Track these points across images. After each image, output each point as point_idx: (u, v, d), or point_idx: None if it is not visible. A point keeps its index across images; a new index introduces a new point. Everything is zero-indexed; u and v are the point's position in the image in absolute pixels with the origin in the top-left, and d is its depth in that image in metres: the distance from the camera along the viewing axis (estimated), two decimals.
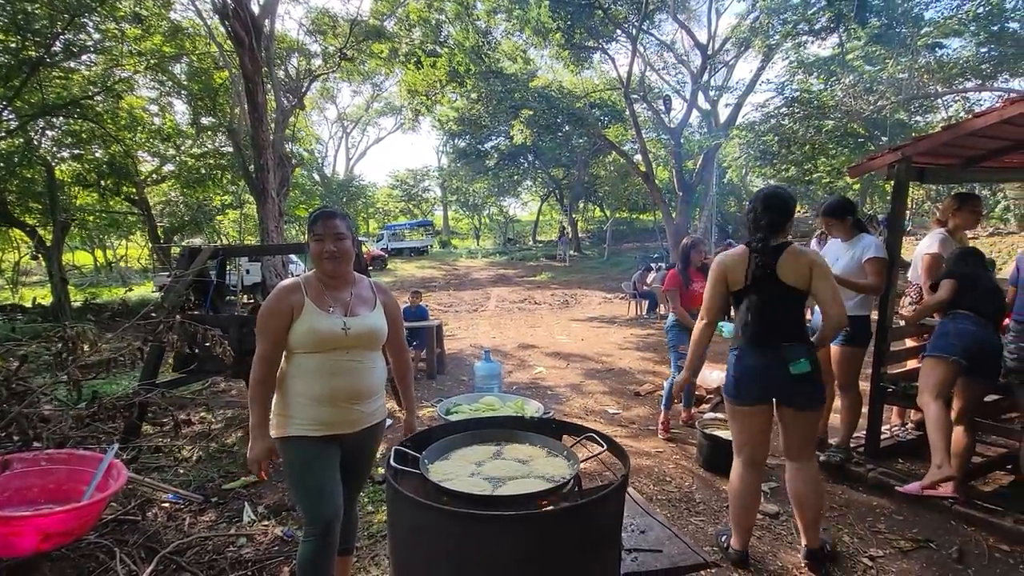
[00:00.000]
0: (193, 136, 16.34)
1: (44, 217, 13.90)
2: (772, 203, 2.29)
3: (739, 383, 2.33)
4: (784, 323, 2.26)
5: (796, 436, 2.33)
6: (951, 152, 3.58)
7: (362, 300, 1.99)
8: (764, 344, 2.27)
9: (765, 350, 2.26)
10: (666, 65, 20.33)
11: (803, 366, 2.20)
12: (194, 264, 4.10)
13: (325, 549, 1.82)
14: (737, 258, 2.31)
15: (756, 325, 2.27)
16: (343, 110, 38.92)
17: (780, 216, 2.26)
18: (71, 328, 2.93)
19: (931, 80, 11.80)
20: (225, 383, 6.08)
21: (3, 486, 2.35)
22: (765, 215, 2.27)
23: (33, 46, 10.55)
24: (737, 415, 2.39)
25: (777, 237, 2.26)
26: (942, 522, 2.78)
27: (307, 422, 1.84)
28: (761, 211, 2.28)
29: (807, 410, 2.28)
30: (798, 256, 2.22)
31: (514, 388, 5.68)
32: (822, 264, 2.23)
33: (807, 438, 2.35)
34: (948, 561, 2.47)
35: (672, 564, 1.75)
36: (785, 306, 2.25)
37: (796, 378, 2.21)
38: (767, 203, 2.29)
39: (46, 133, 13.58)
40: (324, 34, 16.09)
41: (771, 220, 2.26)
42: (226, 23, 8.81)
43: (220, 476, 3.59)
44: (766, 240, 2.25)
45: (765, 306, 2.25)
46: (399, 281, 20.05)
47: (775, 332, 2.25)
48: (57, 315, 11.72)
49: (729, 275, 2.32)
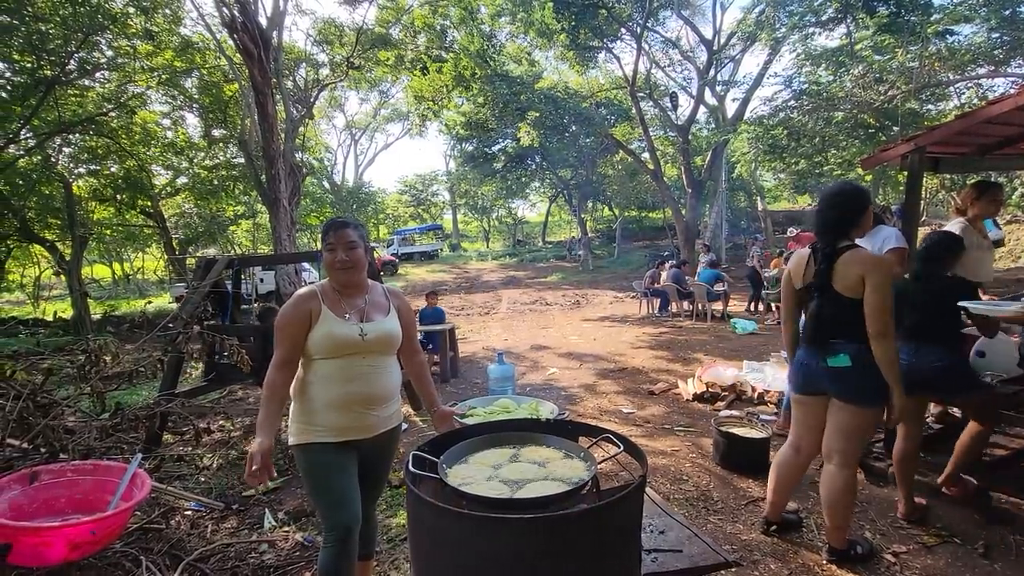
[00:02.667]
0: (205, 148, 16.61)
1: (63, 232, 14.20)
2: (832, 201, 2.25)
3: (794, 373, 2.47)
4: (834, 324, 2.22)
5: (832, 429, 2.30)
6: (966, 140, 3.53)
7: (377, 306, 2.01)
8: (810, 342, 2.32)
9: (813, 348, 2.31)
10: (672, 62, 20.22)
11: (842, 360, 2.19)
12: (210, 274, 4.16)
13: (345, 555, 1.84)
14: (800, 259, 2.37)
15: (809, 324, 2.32)
16: (351, 118, 39.27)
17: (840, 215, 2.20)
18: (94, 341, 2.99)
19: (943, 68, 11.60)
20: (242, 391, 6.16)
21: (32, 498, 2.40)
22: (823, 215, 2.24)
23: (48, 65, 10.81)
24: (793, 401, 2.53)
25: (840, 239, 2.20)
26: (966, 516, 2.73)
27: (325, 428, 1.86)
28: (828, 209, 2.23)
29: (850, 403, 2.22)
30: (851, 265, 2.14)
31: (528, 390, 5.68)
32: (876, 276, 2.08)
33: (843, 434, 2.27)
34: (974, 556, 2.43)
35: (692, 564, 1.74)
36: (837, 309, 2.20)
37: (835, 371, 2.22)
38: (826, 202, 2.27)
39: (63, 150, 13.90)
40: (331, 44, 16.27)
41: (830, 220, 2.22)
42: (235, 36, 8.94)
43: (241, 483, 3.63)
44: (826, 243, 2.22)
45: (818, 308, 2.26)
46: (410, 285, 20.16)
47: (824, 333, 2.25)
48: (78, 328, 11.95)
49: (793, 276, 2.41)
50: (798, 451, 2.50)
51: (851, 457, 2.30)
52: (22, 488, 2.39)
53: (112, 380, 3.45)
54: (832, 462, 2.32)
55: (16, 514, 2.28)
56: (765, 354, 6.54)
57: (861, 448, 2.45)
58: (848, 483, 2.29)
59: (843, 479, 2.29)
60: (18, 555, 2.06)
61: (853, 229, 2.23)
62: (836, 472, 2.30)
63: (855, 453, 2.32)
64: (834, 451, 2.31)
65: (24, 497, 2.37)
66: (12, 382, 2.97)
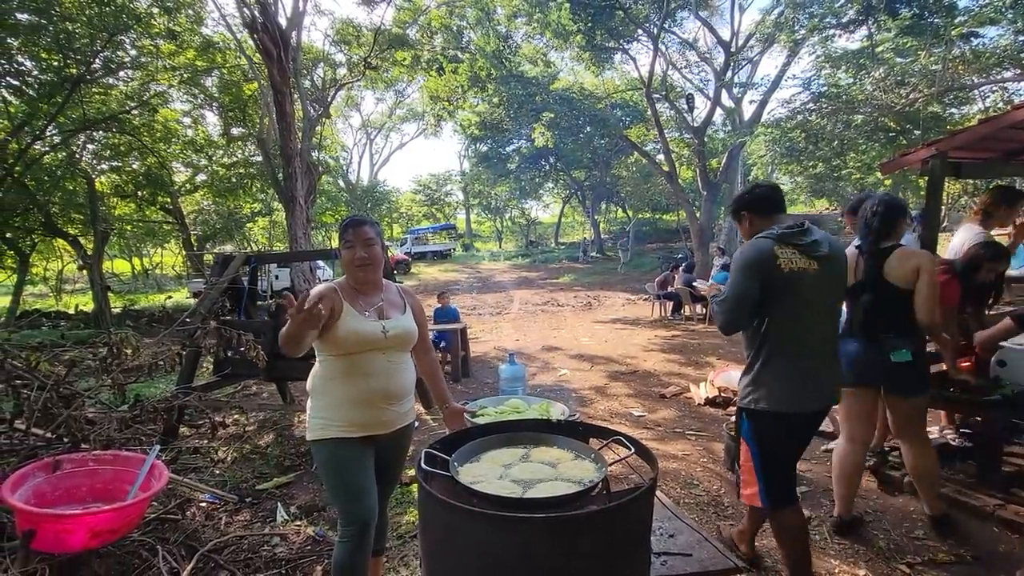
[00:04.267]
0: (224, 146, 16.85)
1: (85, 227, 14.51)
2: (881, 209, 2.51)
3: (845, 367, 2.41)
4: (889, 317, 2.47)
5: (901, 418, 2.60)
6: (990, 145, 3.46)
7: (393, 304, 2.04)
8: (868, 335, 2.50)
9: (869, 341, 2.50)
10: (688, 63, 20.06)
11: (904, 355, 2.43)
12: (228, 270, 4.24)
13: (361, 550, 1.86)
14: (849, 259, 2.47)
15: (864, 318, 2.50)
16: (367, 117, 39.62)
17: (891, 221, 2.49)
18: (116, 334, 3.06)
19: (966, 71, 11.35)
20: (256, 386, 6.25)
21: (55, 486, 2.47)
22: (875, 219, 2.49)
23: (74, 64, 11.05)
24: (844, 395, 2.52)
25: (886, 240, 2.48)
26: (983, 529, 2.68)
27: (343, 424, 1.88)
28: (871, 216, 2.51)
29: (912, 396, 2.53)
30: (907, 258, 2.42)
31: (539, 390, 5.69)
32: (930, 269, 2.39)
33: (911, 419, 2.59)
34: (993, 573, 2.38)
35: (702, 568, 1.74)
36: (891, 302, 2.44)
37: (897, 366, 2.44)
38: (877, 209, 2.51)
39: (87, 147, 14.19)
40: (349, 44, 16.43)
41: (883, 225, 2.48)
42: (255, 37, 9.09)
43: (254, 477, 3.69)
44: (876, 242, 2.48)
45: (872, 301, 2.48)
46: (422, 285, 20.27)
47: (879, 325, 2.48)
48: (98, 322, 12.21)
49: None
50: (853, 441, 2.63)
51: (924, 430, 2.66)
52: (46, 476, 2.45)
53: (132, 373, 3.53)
54: (909, 438, 2.60)
55: (39, 501, 2.34)
56: None
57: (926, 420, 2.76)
58: (932, 450, 2.62)
59: (926, 448, 2.60)
60: (41, 541, 2.12)
61: (895, 231, 2.52)
62: (918, 443, 2.59)
63: (924, 426, 2.69)
64: (908, 429, 2.60)
65: (47, 485, 2.44)
66: (36, 373, 3.05)
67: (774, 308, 1.95)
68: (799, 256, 1.93)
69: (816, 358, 1.99)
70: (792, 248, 1.95)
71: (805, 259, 1.94)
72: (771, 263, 1.91)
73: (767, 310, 1.97)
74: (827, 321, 2.05)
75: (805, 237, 1.97)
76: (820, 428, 4.06)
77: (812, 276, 1.93)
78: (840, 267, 2.05)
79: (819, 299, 1.98)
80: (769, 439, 2.02)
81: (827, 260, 1.97)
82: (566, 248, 32.73)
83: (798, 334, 1.97)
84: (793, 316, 1.96)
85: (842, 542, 2.65)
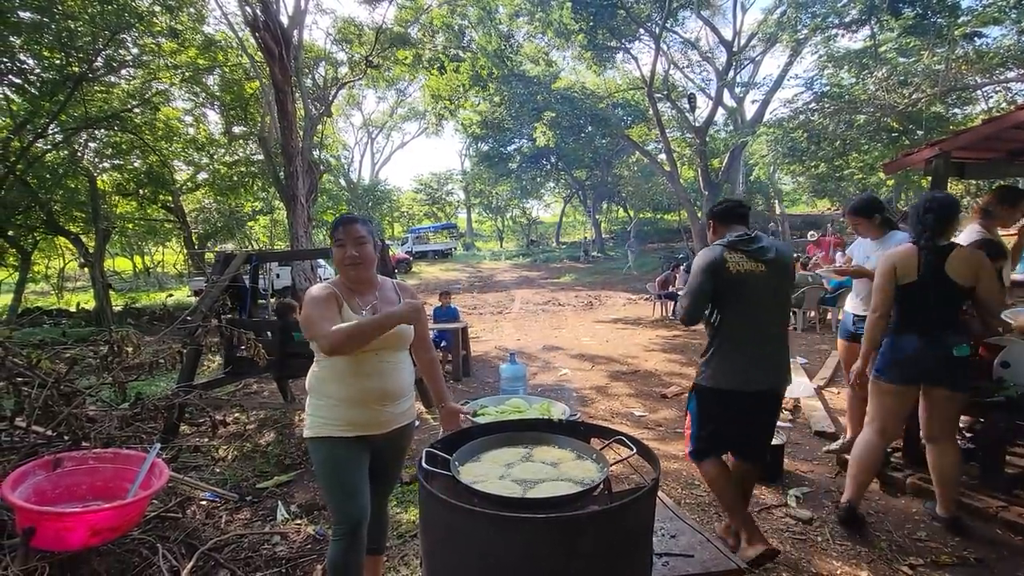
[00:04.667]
0: (225, 145, 16.87)
1: (87, 225, 14.53)
2: (936, 206, 2.52)
3: (896, 365, 2.58)
4: (948, 313, 2.52)
5: (943, 416, 2.61)
6: (993, 145, 3.45)
7: (387, 302, 2.02)
8: (928, 332, 2.52)
9: (928, 337, 2.52)
10: (690, 63, 20.04)
11: (965, 350, 2.50)
12: (229, 269, 4.23)
13: (354, 548, 1.86)
14: (907, 255, 2.54)
15: (923, 315, 2.53)
16: (368, 116, 39.60)
17: (946, 219, 2.51)
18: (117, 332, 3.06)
19: (970, 71, 11.31)
20: (257, 384, 6.25)
21: (55, 483, 2.46)
22: (931, 217, 2.50)
23: (76, 62, 11.06)
24: (884, 392, 2.65)
25: (941, 237, 2.52)
26: (988, 530, 2.67)
27: (339, 423, 1.88)
28: (925, 213, 2.52)
29: (959, 391, 2.56)
30: (968, 256, 2.47)
31: (539, 390, 5.68)
32: (990, 267, 2.48)
33: (952, 419, 2.66)
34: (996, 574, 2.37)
35: (704, 569, 1.73)
36: (951, 298, 2.49)
37: (957, 360, 2.48)
38: (931, 207, 2.52)
39: (89, 145, 14.21)
40: (350, 43, 16.42)
41: (938, 222, 2.49)
42: (257, 35, 9.09)
43: (254, 475, 3.69)
44: (933, 239, 2.50)
45: (934, 298, 2.50)
46: (423, 284, 20.27)
47: (939, 321, 2.52)
48: (100, 319, 12.23)
49: (899, 270, 2.54)
50: (883, 435, 2.69)
51: (955, 431, 2.72)
52: (46, 474, 2.45)
53: (133, 371, 3.53)
54: (941, 441, 2.62)
55: (40, 499, 2.33)
56: None
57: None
58: (959, 453, 2.67)
59: (955, 451, 2.63)
60: (41, 539, 2.12)
61: (950, 228, 2.56)
62: (949, 446, 2.62)
63: (956, 427, 2.78)
64: (942, 431, 2.62)
65: (47, 483, 2.44)
66: (37, 370, 3.05)
67: (725, 304, 2.32)
68: (746, 259, 2.29)
69: (762, 345, 2.32)
70: (740, 253, 2.30)
71: (752, 262, 2.29)
72: (721, 266, 2.28)
73: (719, 305, 2.34)
74: (775, 314, 2.39)
75: (752, 244, 2.32)
76: (823, 430, 4.08)
77: (758, 276, 2.28)
78: (785, 267, 2.36)
79: (766, 296, 2.31)
80: (706, 409, 2.43)
81: (773, 263, 2.30)
82: (567, 248, 32.73)
83: (746, 326, 2.31)
84: (741, 310, 2.30)
85: (844, 543, 2.64)
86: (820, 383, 5.44)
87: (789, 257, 2.41)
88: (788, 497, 3.11)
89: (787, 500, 3.09)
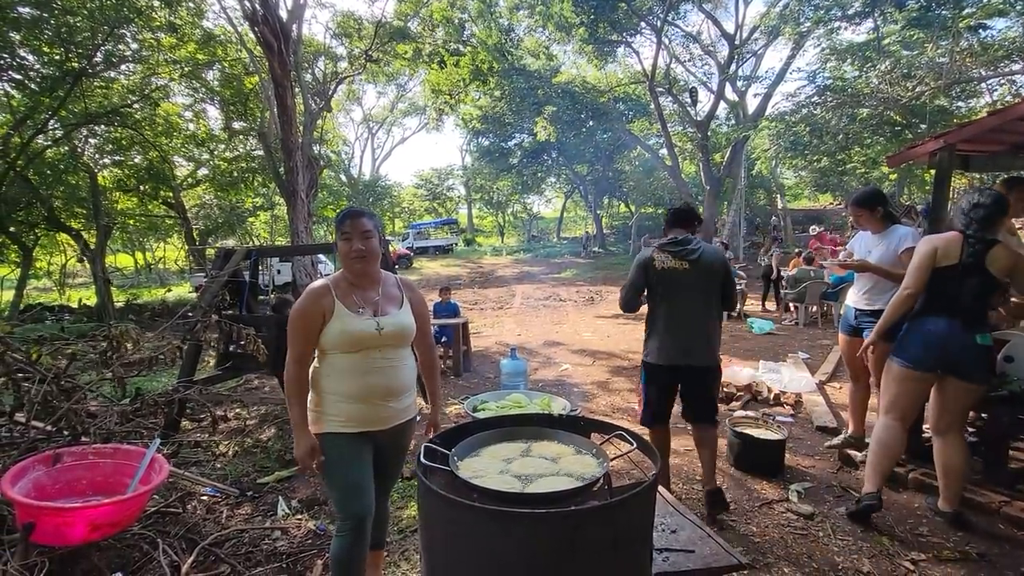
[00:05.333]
0: (225, 140, 16.83)
1: (88, 221, 14.53)
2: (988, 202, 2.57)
3: (918, 347, 2.62)
4: (980, 302, 2.57)
5: (954, 408, 2.62)
6: (998, 138, 3.41)
7: (390, 298, 2.00)
8: (955, 316, 2.56)
9: (954, 322, 2.55)
10: (692, 57, 19.90)
11: (987, 339, 2.54)
12: (229, 264, 4.22)
13: (358, 544, 1.85)
14: (952, 239, 2.59)
15: (954, 299, 2.56)
16: (368, 111, 39.49)
17: (995, 215, 2.56)
18: (115, 328, 3.05)
19: (974, 63, 11.23)
20: (258, 380, 6.25)
21: (55, 479, 2.47)
22: (981, 211, 2.56)
23: (76, 58, 11.03)
24: (904, 378, 2.67)
25: (988, 232, 2.56)
26: (990, 525, 2.66)
27: (341, 419, 1.87)
28: (974, 207, 2.58)
29: (975, 383, 2.57)
30: (1009, 252, 2.51)
31: (540, 385, 5.67)
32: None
33: (963, 413, 2.68)
34: (999, 569, 2.36)
35: (705, 564, 1.72)
36: (986, 289, 2.54)
37: (979, 348, 2.52)
38: (982, 203, 2.57)
39: (89, 141, 14.19)
40: (350, 37, 16.35)
41: (987, 218, 2.55)
42: (256, 29, 9.02)
43: (255, 471, 3.69)
44: (982, 232, 2.55)
45: (970, 287, 2.54)
46: (424, 279, 20.26)
47: (968, 309, 2.55)
48: (101, 315, 12.24)
49: (940, 252, 2.59)
50: (904, 421, 2.70)
51: (964, 426, 2.77)
52: (46, 469, 2.45)
53: (133, 366, 3.52)
54: (949, 435, 2.63)
55: (39, 494, 2.34)
56: (782, 354, 6.44)
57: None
58: (966, 449, 2.69)
59: (963, 446, 2.65)
60: (41, 534, 2.12)
61: (998, 225, 2.59)
62: (957, 441, 2.63)
63: (965, 422, 2.81)
64: (952, 424, 2.63)
65: (47, 478, 2.44)
66: (38, 366, 3.04)
67: (653, 294, 2.84)
68: (671, 259, 2.77)
69: (683, 328, 2.78)
70: (666, 253, 2.79)
71: (677, 260, 2.75)
72: (649, 263, 2.80)
73: (650, 295, 2.86)
74: (698, 303, 2.79)
75: (679, 246, 2.78)
76: (825, 425, 4.07)
77: (681, 273, 2.75)
78: (710, 266, 2.76)
79: (689, 289, 2.76)
80: (648, 380, 2.93)
81: (697, 262, 2.74)
82: (568, 243, 32.67)
83: (669, 312, 2.80)
84: (667, 300, 2.79)
85: (845, 538, 2.63)
86: (822, 378, 5.42)
87: (716, 258, 2.80)
88: (790, 492, 3.10)
89: (788, 495, 3.08)
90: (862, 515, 2.71)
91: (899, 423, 2.69)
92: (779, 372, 5.21)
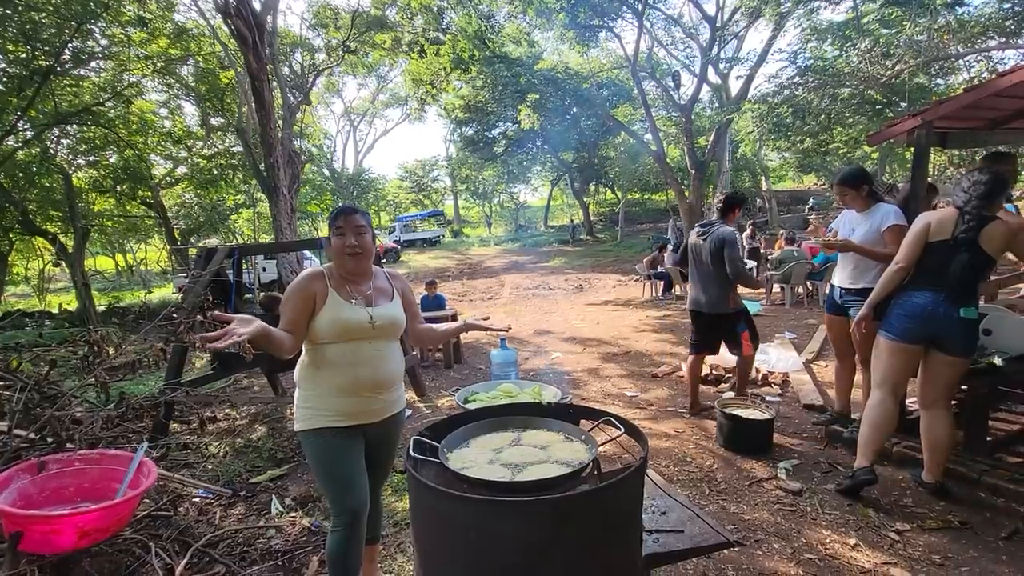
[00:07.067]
0: (203, 137, 16.51)
1: (64, 225, 14.20)
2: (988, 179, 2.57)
3: (904, 319, 2.65)
4: (969, 278, 2.57)
5: (940, 382, 2.64)
6: (975, 115, 3.45)
7: (381, 291, 2.00)
8: (941, 290, 2.58)
9: (939, 296, 2.57)
10: (674, 40, 19.78)
11: (972, 312, 2.55)
12: (211, 264, 4.15)
13: (353, 539, 1.85)
14: (947, 215, 2.61)
15: (942, 274, 2.58)
16: (349, 104, 38.92)
17: (996, 194, 2.56)
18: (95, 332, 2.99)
19: (952, 40, 11.31)
20: (247, 379, 6.20)
21: (41, 487, 2.42)
22: (982, 187, 2.55)
23: (43, 55, 10.70)
24: (891, 351, 2.72)
25: (987, 209, 2.55)
26: (971, 493, 2.73)
27: (331, 413, 1.86)
28: (973, 184, 2.58)
29: (960, 355, 2.59)
30: (1005, 230, 2.50)
31: (531, 374, 5.69)
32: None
33: (950, 387, 2.69)
34: (975, 536, 2.43)
35: (694, 544, 1.74)
36: (977, 266, 2.55)
37: (963, 322, 2.53)
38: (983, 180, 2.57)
39: (61, 141, 13.84)
40: (326, 27, 16.05)
41: (987, 195, 2.54)
42: (229, 22, 8.81)
43: (247, 470, 3.67)
44: (980, 209, 2.55)
45: (960, 262, 2.54)
46: (412, 272, 20.15)
47: (955, 283, 2.56)
48: (83, 320, 12.01)
49: (934, 227, 2.62)
50: (895, 394, 2.76)
51: (950, 399, 2.77)
52: (31, 477, 2.40)
53: (117, 371, 3.47)
54: (936, 407, 2.66)
55: (26, 503, 2.30)
56: (769, 336, 6.52)
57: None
58: (952, 422, 2.71)
59: (949, 420, 2.67)
60: (29, 542, 2.09)
61: (997, 204, 2.58)
62: (943, 414, 2.66)
63: (952, 395, 2.80)
64: (938, 398, 2.66)
65: (33, 486, 2.39)
66: (18, 374, 2.98)
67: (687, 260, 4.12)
68: (696, 235, 4.01)
69: (697, 284, 4.00)
70: (696, 232, 4.04)
71: (699, 238, 3.97)
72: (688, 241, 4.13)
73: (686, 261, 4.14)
74: (707, 267, 3.88)
75: (704, 228, 3.99)
76: (812, 403, 4.14)
77: (701, 246, 3.93)
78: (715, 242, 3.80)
79: (702, 257, 3.92)
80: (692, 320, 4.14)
81: (709, 238, 3.85)
82: (556, 231, 32.67)
83: (693, 273, 4.04)
84: (692, 264, 4.05)
85: (833, 513, 2.69)
86: (808, 357, 5.51)
87: (720, 237, 3.77)
88: (778, 470, 3.16)
89: (777, 473, 3.14)
90: (854, 490, 2.76)
91: (891, 396, 2.74)
92: (767, 353, 5.28)
